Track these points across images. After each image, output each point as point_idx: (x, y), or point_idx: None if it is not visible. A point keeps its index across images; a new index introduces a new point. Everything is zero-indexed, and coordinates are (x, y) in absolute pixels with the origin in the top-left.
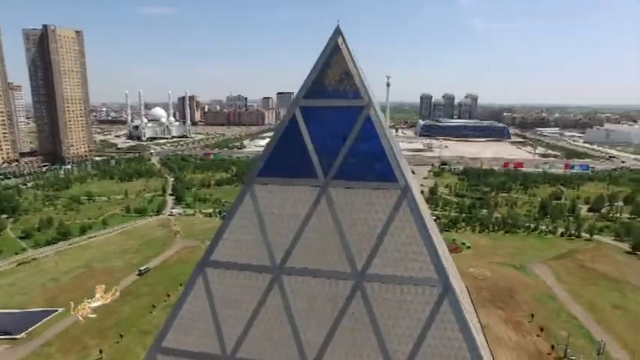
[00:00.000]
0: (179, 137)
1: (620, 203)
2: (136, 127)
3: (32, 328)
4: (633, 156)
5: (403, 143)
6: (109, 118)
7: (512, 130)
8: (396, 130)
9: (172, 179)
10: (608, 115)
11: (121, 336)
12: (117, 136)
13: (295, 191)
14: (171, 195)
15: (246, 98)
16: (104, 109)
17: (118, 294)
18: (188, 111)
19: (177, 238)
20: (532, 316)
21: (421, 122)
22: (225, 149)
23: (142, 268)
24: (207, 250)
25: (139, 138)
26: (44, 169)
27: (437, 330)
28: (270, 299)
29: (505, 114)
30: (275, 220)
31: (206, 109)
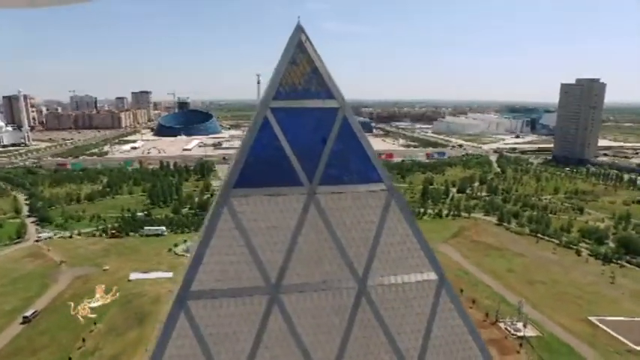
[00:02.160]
0: (14, 146)
1: (477, 183)
2: None
3: None
4: (471, 144)
5: None
6: None
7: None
8: None
9: (25, 197)
10: (444, 109)
11: None
12: None
13: (280, 201)
14: (30, 216)
15: (95, 99)
16: None
17: (118, 294)
18: (24, 114)
19: (63, 267)
20: (461, 290)
21: None
22: (83, 157)
23: (27, 314)
24: (186, 280)
25: None
26: None
27: (440, 320)
28: (271, 324)
29: (363, 109)
30: (262, 235)
31: (44, 112)
